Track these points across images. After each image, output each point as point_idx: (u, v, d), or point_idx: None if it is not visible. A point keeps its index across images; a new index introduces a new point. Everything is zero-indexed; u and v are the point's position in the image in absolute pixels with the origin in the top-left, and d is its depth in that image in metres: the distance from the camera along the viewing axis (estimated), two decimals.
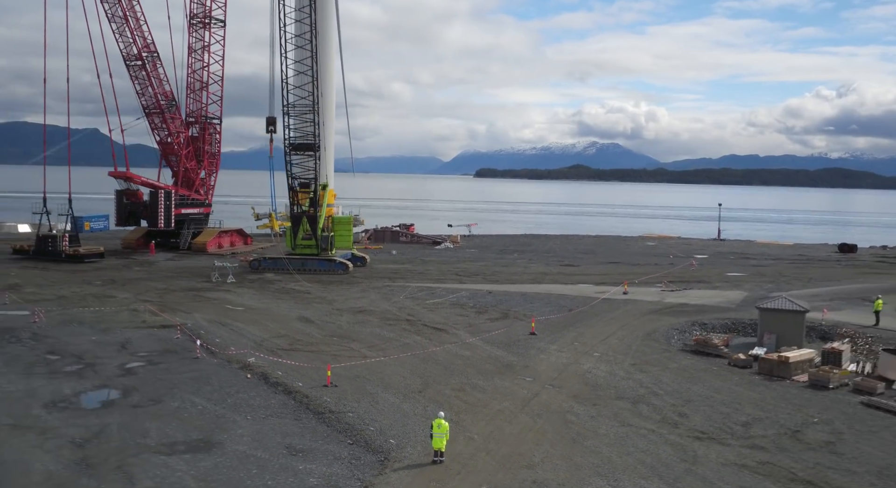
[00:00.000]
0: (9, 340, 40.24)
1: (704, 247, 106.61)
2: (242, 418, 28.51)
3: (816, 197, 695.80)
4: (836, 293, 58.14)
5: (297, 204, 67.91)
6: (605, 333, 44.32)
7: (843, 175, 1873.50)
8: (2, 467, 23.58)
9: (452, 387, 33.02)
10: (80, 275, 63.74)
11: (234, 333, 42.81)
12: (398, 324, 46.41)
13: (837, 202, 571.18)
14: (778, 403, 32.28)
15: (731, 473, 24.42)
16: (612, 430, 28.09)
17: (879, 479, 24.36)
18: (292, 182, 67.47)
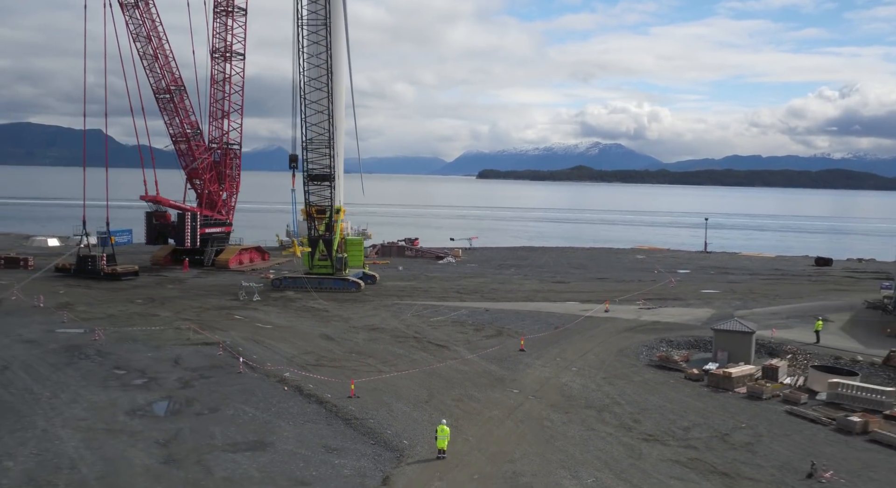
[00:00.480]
0: (79, 357, 47.78)
1: (690, 260, 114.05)
2: (286, 423, 36.00)
3: (818, 200, 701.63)
4: (794, 311, 65.42)
5: (314, 228, 75.46)
6: (584, 350, 51.75)
7: (845, 176, 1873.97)
8: (109, 462, 31.06)
9: (453, 398, 40.47)
10: (121, 294, 71.28)
11: (267, 350, 50.29)
12: (406, 341, 53.88)
13: (838, 205, 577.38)
14: (717, 411, 39.71)
15: (665, 467, 31.85)
16: (578, 433, 35.53)
17: (779, 471, 31.76)
18: (310, 208, 75.00)
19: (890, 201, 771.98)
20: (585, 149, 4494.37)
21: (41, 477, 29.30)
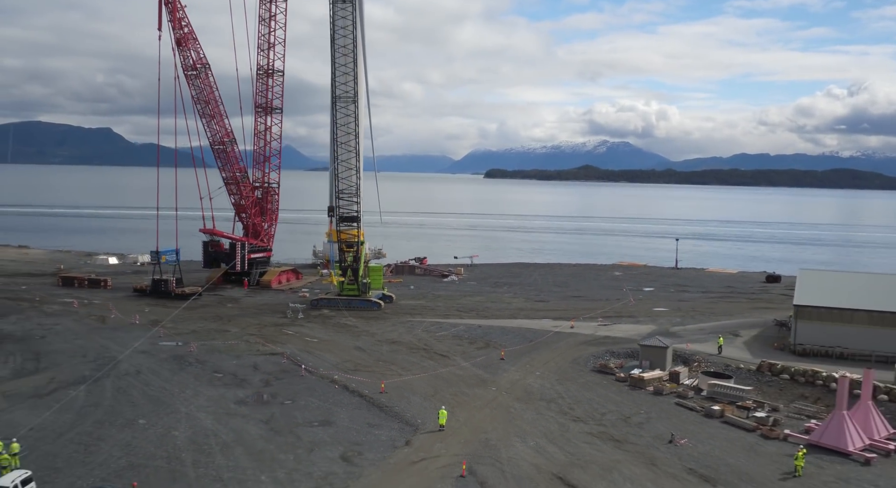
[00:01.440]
0: (185, 363, 67.17)
1: (659, 277, 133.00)
2: (340, 409, 55.24)
3: (821, 201, 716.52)
4: (717, 327, 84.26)
5: (343, 259, 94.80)
6: (547, 359, 70.85)
7: (851, 175, 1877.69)
8: (236, 432, 50.31)
9: (450, 393, 59.63)
10: (194, 312, 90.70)
11: (317, 359, 69.58)
12: (418, 352, 73.11)
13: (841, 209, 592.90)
14: (628, 403, 58.76)
15: (581, 437, 50.93)
16: (531, 416, 54.64)
17: (653, 439, 50.74)
18: (340, 244, 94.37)
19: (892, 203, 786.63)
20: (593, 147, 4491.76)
21: (198, 439, 48.62)
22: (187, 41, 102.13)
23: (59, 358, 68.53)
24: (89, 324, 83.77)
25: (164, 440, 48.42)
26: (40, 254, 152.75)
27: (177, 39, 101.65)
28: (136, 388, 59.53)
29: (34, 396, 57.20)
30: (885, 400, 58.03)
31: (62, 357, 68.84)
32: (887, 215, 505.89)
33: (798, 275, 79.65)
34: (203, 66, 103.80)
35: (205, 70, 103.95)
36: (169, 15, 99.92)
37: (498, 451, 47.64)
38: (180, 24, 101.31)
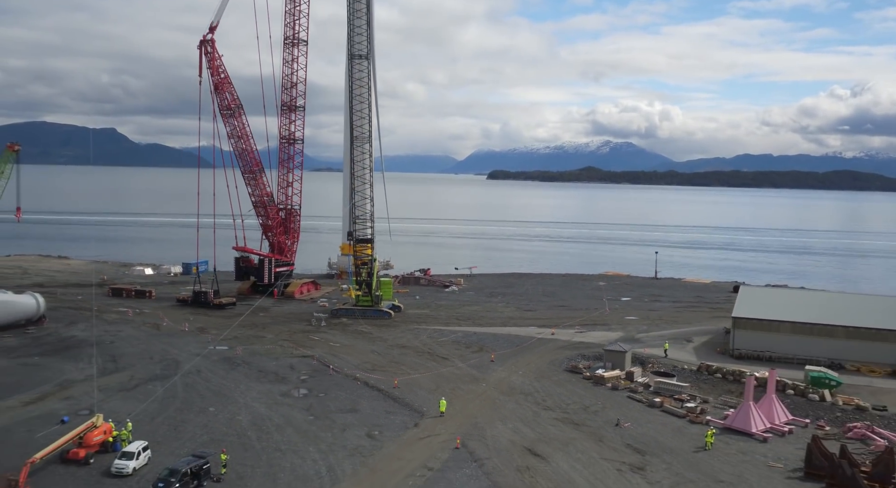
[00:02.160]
0: (235, 364, 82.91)
1: (638, 287, 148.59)
2: (363, 400, 70.96)
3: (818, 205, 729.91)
4: (675, 334, 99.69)
5: (358, 274, 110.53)
6: (529, 361, 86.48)
7: (852, 177, 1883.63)
8: (286, 417, 66.01)
9: (449, 388, 75.25)
10: (232, 320, 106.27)
11: (341, 361, 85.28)
12: (423, 355, 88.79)
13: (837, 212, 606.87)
14: (590, 396, 74.34)
15: (549, 421, 66.53)
16: (511, 406, 70.27)
17: (603, 423, 66.30)
18: (356, 261, 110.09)
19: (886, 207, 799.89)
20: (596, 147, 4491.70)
21: (257, 422, 64.35)
22: (223, 86, 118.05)
23: (131, 359, 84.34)
24: (146, 330, 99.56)
25: (231, 422, 64.17)
26: (81, 265, 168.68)
27: (214, 84, 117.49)
28: (201, 384, 75.29)
29: (122, 390, 73.03)
30: (791, 395, 73.60)
31: (134, 359, 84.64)
32: (875, 220, 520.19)
33: (740, 291, 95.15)
34: (237, 106, 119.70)
35: (238, 109, 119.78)
36: (208, 64, 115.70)
37: (484, 431, 63.31)
38: (217, 72, 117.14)
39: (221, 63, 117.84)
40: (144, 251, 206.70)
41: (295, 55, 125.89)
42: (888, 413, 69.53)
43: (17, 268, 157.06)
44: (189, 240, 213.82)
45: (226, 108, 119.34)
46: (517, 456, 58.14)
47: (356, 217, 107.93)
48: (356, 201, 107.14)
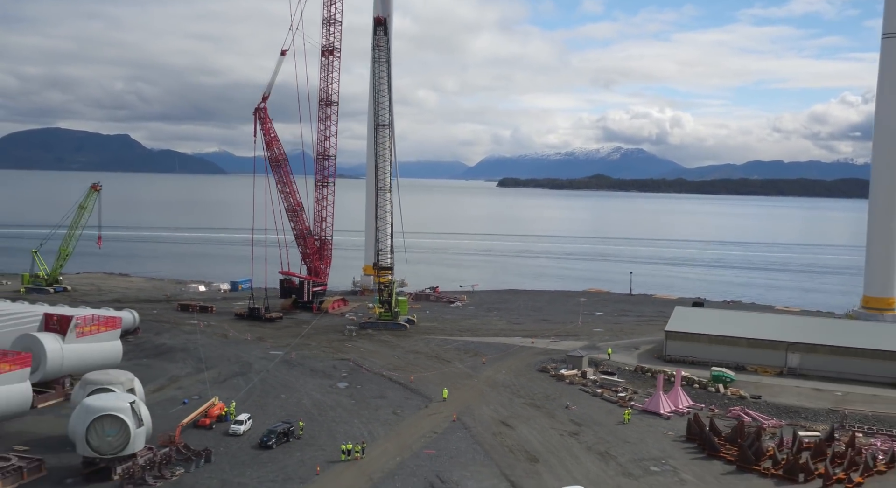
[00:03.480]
0: (292, 365, 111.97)
1: (613, 302, 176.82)
2: (389, 390, 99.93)
3: (820, 217, 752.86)
4: (629, 343, 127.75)
5: (380, 293, 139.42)
6: (511, 363, 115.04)
7: (860, 185, 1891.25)
8: (335, 400, 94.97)
9: (450, 382, 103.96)
10: (282, 331, 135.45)
11: (371, 362, 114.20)
12: (432, 358, 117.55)
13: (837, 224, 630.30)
14: (552, 389, 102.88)
15: (520, 406, 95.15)
16: (494, 395, 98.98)
17: (559, 407, 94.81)
18: (378, 283, 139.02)
19: None
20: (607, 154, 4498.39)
21: (317, 404, 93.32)
22: (273, 143, 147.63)
23: (214, 361, 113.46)
24: (218, 339, 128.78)
25: (299, 405, 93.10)
26: (142, 282, 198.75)
27: (266, 142, 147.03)
28: (271, 379, 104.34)
29: (216, 383, 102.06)
30: (696, 388, 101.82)
31: (216, 361, 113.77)
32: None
33: (674, 310, 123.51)
34: (283, 159, 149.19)
35: (284, 162, 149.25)
36: (261, 126, 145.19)
37: (473, 410, 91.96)
38: (268, 132, 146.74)
39: (272, 125, 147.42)
40: (192, 267, 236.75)
41: (328, 113, 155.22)
42: (761, 400, 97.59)
43: (91, 286, 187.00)
44: (230, 257, 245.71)
45: (274, 161, 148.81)
46: (494, 426, 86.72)
47: (378, 250, 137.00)
48: (378, 236, 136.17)
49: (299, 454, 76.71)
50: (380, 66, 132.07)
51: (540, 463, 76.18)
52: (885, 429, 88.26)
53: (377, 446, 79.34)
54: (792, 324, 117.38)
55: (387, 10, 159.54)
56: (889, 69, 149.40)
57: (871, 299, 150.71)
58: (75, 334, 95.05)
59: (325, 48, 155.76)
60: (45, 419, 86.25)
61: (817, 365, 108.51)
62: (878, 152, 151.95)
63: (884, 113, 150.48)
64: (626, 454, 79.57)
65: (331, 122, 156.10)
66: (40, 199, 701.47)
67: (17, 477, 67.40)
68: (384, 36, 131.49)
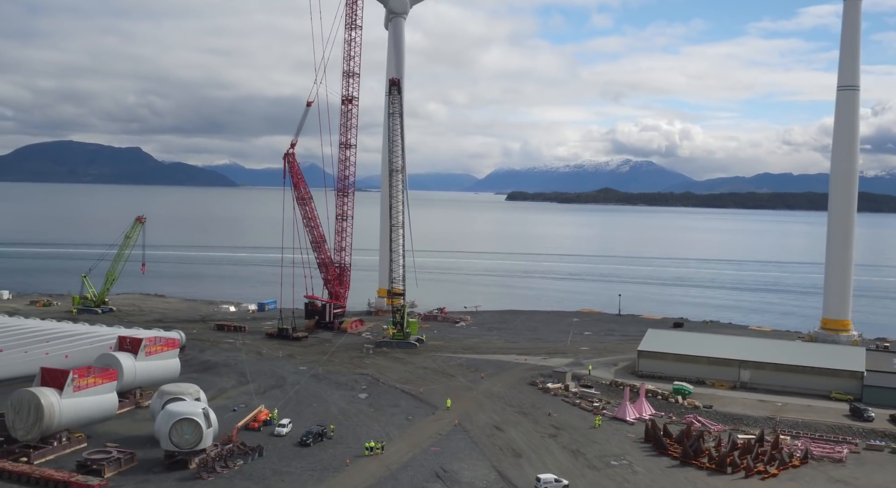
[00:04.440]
0: (320, 378, 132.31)
1: (602, 322, 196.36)
2: (402, 400, 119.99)
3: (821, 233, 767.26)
4: (609, 360, 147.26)
5: (393, 316, 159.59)
6: (506, 378, 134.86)
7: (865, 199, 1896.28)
8: (357, 408, 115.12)
9: (453, 393, 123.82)
10: (309, 349, 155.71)
11: (386, 376, 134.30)
12: (438, 373, 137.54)
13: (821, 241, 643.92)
14: (538, 399, 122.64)
15: (510, 412, 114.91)
16: (491, 404, 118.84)
17: (542, 414, 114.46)
18: (391, 305, 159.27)
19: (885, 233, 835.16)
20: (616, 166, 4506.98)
21: (343, 411, 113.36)
22: (300, 183, 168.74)
23: (254, 376, 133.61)
24: (254, 356, 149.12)
25: (328, 412, 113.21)
26: (178, 303, 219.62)
27: (293, 183, 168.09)
28: (303, 390, 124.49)
29: (257, 394, 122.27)
30: (659, 399, 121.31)
31: (255, 375, 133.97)
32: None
33: (647, 333, 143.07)
34: (308, 197, 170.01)
35: (309, 200, 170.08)
36: (290, 169, 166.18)
37: (471, 417, 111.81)
38: (296, 174, 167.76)
39: (299, 168, 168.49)
40: (220, 288, 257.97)
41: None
42: (712, 409, 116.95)
43: (133, 307, 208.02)
44: (254, 278, 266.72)
45: (300, 199, 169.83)
46: (488, 430, 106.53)
47: (392, 278, 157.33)
48: (392, 267, 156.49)
49: (332, 450, 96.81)
50: (394, 120, 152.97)
51: (522, 458, 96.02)
52: (808, 433, 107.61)
53: (393, 444, 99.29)
54: (745, 345, 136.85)
55: (400, 72, 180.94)
56: (843, 118, 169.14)
57: (829, 321, 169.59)
58: (144, 353, 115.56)
59: (344, 98, 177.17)
60: (123, 422, 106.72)
61: (765, 380, 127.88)
62: (834, 192, 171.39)
63: (838, 158, 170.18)
64: (592, 451, 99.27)
65: (349, 162, 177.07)
66: (66, 216, 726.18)
67: (118, 466, 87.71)
68: (398, 95, 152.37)
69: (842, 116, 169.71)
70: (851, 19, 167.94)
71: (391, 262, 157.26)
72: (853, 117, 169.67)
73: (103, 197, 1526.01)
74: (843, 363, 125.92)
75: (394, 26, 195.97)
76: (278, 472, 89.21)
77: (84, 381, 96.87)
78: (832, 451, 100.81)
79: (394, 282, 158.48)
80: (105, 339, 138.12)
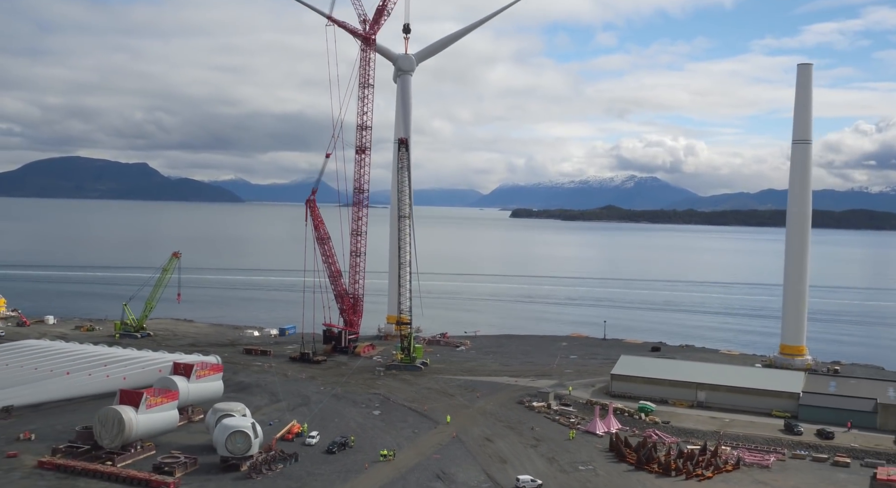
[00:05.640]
0: (340, 397, 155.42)
1: (588, 346, 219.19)
2: (409, 416, 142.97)
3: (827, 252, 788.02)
4: (588, 382, 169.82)
5: (401, 341, 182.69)
6: (498, 397, 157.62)
7: (868, 216, 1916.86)
8: (372, 423, 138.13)
9: (453, 411, 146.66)
10: (328, 372, 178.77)
11: (396, 396, 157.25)
12: (440, 393, 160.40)
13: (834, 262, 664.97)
14: (524, 416, 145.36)
15: (499, 426, 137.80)
16: (483, 420, 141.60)
17: (526, 428, 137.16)
18: (399, 332, 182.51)
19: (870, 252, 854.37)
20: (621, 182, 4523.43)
21: (360, 424, 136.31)
22: (320, 225, 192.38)
23: (283, 395, 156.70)
24: (281, 378, 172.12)
25: (348, 425, 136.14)
26: (206, 328, 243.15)
27: (314, 225, 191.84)
28: (326, 408, 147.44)
29: (288, 411, 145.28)
30: (626, 416, 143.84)
31: (284, 395, 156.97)
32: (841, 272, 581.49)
33: (619, 359, 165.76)
34: (327, 238, 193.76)
35: (328, 239, 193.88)
36: (311, 213, 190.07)
37: (467, 430, 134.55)
38: (316, 217, 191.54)
39: (319, 212, 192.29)
40: (243, 312, 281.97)
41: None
42: (669, 425, 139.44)
43: (167, 331, 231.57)
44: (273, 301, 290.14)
45: (319, 239, 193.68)
46: (480, 441, 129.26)
47: (401, 310, 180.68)
48: (400, 299, 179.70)
49: (353, 457, 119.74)
50: (402, 174, 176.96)
51: (507, 464, 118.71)
52: (746, 444, 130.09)
53: (402, 452, 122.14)
54: (702, 370, 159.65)
55: (407, 132, 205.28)
56: (797, 168, 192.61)
57: (786, 347, 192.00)
58: (195, 377, 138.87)
59: (358, 148, 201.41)
60: (181, 434, 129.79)
61: (718, 399, 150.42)
62: (790, 233, 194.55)
63: (794, 203, 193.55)
64: (565, 458, 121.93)
65: (362, 205, 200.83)
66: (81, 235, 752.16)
67: (185, 468, 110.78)
68: (406, 152, 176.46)
69: (796, 166, 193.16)
70: (804, 82, 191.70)
71: (399, 295, 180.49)
72: (806, 167, 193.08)
73: (113, 214, 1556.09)
74: (783, 385, 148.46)
75: (402, 82, 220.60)
76: (311, 474, 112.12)
77: (154, 400, 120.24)
78: (761, 459, 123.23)
79: (402, 312, 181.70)
80: (154, 363, 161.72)
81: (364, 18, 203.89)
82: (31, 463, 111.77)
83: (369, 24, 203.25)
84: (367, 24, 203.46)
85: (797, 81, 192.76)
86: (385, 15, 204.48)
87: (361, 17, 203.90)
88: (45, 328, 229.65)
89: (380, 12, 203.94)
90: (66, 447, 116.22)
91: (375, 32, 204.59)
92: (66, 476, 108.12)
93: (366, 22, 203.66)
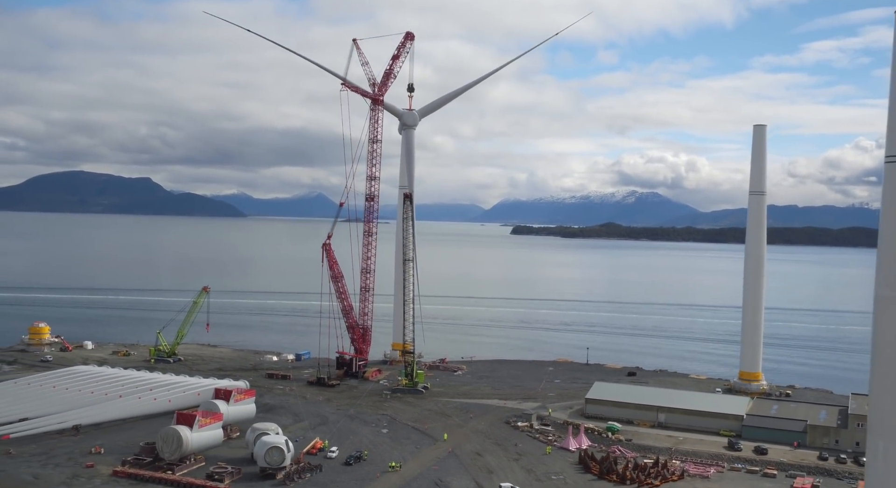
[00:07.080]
0: (352, 418, 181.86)
1: (572, 371, 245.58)
2: (412, 434, 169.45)
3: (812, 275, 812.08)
4: (566, 404, 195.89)
5: (405, 368, 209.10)
6: (488, 418, 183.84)
7: (865, 234, 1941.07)
8: (381, 439, 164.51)
9: (449, 430, 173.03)
10: (341, 394, 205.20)
11: (401, 416, 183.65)
12: (439, 414, 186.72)
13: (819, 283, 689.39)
14: (509, 434, 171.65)
15: (488, 444, 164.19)
16: (475, 437, 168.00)
17: (510, 443, 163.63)
18: (404, 359, 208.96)
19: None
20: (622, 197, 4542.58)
21: (372, 441, 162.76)
22: (333, 265, 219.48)
23: (304, 416, 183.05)
24: (301, 400, 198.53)
25: (361, 442, 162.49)
26: (230, 353, 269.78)
27: (329, 264, 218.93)
28: (343, 428, 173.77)
29: (309, 429, 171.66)
30: (596, 434, 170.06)
31: (305, 415, 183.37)
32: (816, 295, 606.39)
33: (593, 385, 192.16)
34: (340, 276, 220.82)
35: (341, 277, 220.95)
36: (326, 256, 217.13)
37: (461, 446, 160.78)
38: (331, 258, 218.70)
39: (334, 255, 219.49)
40: (262, 337, 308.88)
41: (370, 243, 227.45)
42: (631, 442, 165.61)
43: (195, 356, 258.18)
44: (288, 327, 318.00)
45: (334, 277, 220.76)
46: (472, 455, 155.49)
47: (405, 340, 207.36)
48: (405, 332, 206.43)
49: (367, 468, 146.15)
50: (406, 223, 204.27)
51: (493, 474, 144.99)
52: (693, 458, 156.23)
53: (407, 465, 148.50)
54: (663, 394, 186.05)
55: (411, 186, 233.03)
56: (754, 215, 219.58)
57: (744, 373, 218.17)
58: (234, 400, 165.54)
59: (367, 196, 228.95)
60: (223, 449, 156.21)
61: (676, 420, 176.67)
62: (747, 270, 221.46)
63: (751, 244, 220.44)
64: (541, 470, 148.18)
65: (372, 247, 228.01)
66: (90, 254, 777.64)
67: (232, 477, 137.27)
68: (410, 205, 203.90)
69: (753, 213, 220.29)
70: (759, 141, 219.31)
71: (403, 328, 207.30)
72: (761, 215, 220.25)
73: (118, 230, 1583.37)
74: (730, 408, 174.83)
75: (406, 136, 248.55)
76: (334, 482, 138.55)
77: (204, 421, 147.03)
78: (703, 471, 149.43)
79: (406, 341, 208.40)
80: (193, 387, 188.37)
81: (373, 81, 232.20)
82: (107, 472, 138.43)
83: (378, 87, 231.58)
84: (375, 86, 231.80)
85: (753, 141, 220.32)
86: (392, 78, 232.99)
87: (371, 81, 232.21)
88: (86, 353, 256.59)
89: (387, 75, 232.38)
90: (133, 459, 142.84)
91: (383, 93, 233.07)
92: (137, 483, 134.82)
93: (374, 84, 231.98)
